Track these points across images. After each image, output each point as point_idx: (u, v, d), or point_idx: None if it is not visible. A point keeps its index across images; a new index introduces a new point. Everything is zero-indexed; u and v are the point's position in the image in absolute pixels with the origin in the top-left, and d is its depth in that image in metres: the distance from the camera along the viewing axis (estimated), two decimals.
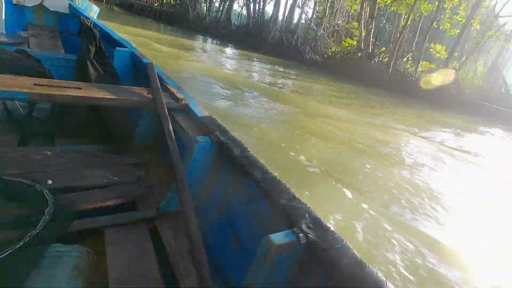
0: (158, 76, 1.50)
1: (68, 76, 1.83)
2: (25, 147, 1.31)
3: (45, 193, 0.89)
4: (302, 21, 17.93)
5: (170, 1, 23.82)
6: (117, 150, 1.45)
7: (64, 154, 1.26)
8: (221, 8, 21.48)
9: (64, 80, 1.27)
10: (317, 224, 0.72)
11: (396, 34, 15.00)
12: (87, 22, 2.12)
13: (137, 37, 9.16)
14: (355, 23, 16.84)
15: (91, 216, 0.96)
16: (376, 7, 14.17)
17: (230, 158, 1.01)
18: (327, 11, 18.07)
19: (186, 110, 1.34)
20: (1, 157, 1.14)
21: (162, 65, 2.32)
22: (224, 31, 19.31)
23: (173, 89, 1.46)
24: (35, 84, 1.09)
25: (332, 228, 0.72)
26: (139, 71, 1.92)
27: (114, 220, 0.96)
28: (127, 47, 2.06)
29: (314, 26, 18.10)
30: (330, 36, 18.41)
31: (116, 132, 1.53)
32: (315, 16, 18.58)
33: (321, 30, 17.50)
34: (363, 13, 14.89)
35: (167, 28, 16.62)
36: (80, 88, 1.18)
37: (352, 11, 19.27)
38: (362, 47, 14.49)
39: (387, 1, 14.98)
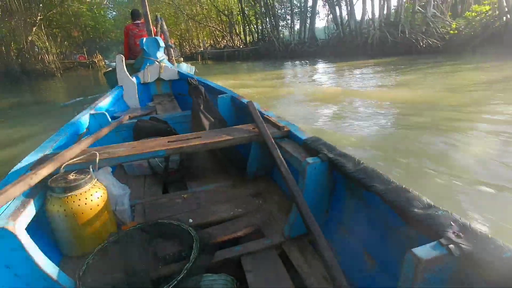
0: (258, 111, 1.63)
1: (187, 129, 2.17)
2: (167, 194, 1.58)
3: (190, 231, 1.04)
4: (404, 5, 14.26)
5: (254, 39, 25.70)
6: (235, 184, 1.60)
7: (196, 195, 1.47)
8: (303, 28, 21.29)
9: (186, 134, 1.50)
10: (469, 232, 0.61)
11: None
12: (193, 82, 2.50)
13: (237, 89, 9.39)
14: None
15: (227, 247, 1.07)
16: None
17: (345, 174, 0.97)
18: None
19: (290, 136, 1.39)
20: (153, 204, 1.41)
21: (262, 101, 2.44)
22: (311, 49, 18.71)
23: (274, 119, 1.54)
24: (168, 142, 1.33)
25: (490, 235, 0.59)
26: (241, 110, 2.12)
27: (247, 249, 1.04)
28: (227, 93, 2.33)
29: (420, 8, 13.86)
30: (444, 12, 14.03)
31: (232, 168, 1.70)
32: None
33: (431, 8, 13.44)
34: None
35: (256, 65, 16.87)
36: (200, 137, 1.37)
37: None
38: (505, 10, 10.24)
39: None
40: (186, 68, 5.21)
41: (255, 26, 25.93)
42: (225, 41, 30.11)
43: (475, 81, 6.21)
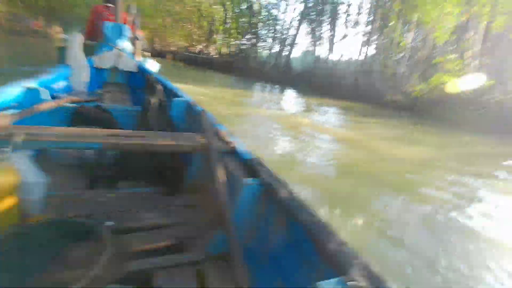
0: (210, 121, 1.61)
1: (133, 125, 2.05)
2: (92, 190, 1.45)
3: (104, 234, 0.96)
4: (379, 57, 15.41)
5: (230, 52, 24.88)
6: (170, 192, 1.53)
7: (124, 196, 1.38)
8: (281, 53, 21.30)
9: (130, 130, 1.42)
10: (367, 272, 0.68)
11: None
12: (151, 78, 2.41)
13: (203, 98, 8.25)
14: (449, 55, 13.09)
15: (143, 257, 1.00)
16: None
17: (277, 200, 0.99)
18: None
19: (235, 153, 1.39)
20: (72, 199, 1.28)
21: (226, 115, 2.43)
22: (286, 76, 18.55)
23: (223, 133, 1.53)
24: (108, 135, 1.24)
25: (382, 277, 0.66)
26: (193, 117, 2.08)
27: (163, 263, 0.98)
28: (182, 97, 2.27)
29: (391, 64, 15.22)
30: (412, 72, 14.80)
31: (170, 174, 1.63)
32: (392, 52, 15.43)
33: (402, 67, 14.58)
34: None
35: (227, 78, 16.45)
36: (143, 136, 1.30)
37: (440, 43, 15.07)
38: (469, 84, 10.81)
39: None
40: (151, 64, 5.02)
41: (234, 39, 25.28)
42: (200, 46, 29.34)
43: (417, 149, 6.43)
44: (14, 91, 1.67)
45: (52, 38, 24.13)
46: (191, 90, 8.52)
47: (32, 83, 1.88)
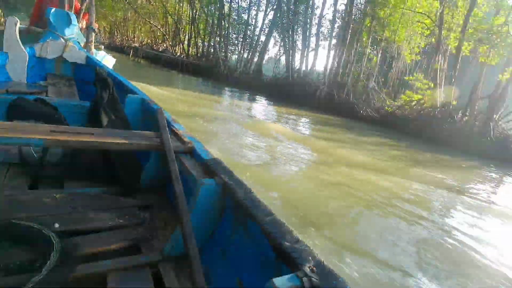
0: (167, 120, 1.58)
1: (81, 121, 1.93)
2: (35, 190, 1.34)
3: (51, 237, 0.90)
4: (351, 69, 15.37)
5: (198, 53, 23.82)
6: (124, 192, 1.48)
7: (72, 197, 1.29)
8: (250, 58, 20.62)
9: (78, 127, 1.34)
10: (321, 268, 0.72)
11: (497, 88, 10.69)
12: (101, 72, 2.28)
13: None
14: (417, 75, 13.86)
15: (95, 260, 0.96)
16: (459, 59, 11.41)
17: (234, 200, 1.02)
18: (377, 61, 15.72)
19: (192, 153, 1.39)
20: (11, 200, 1.17)
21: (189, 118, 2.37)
22: (256, 83, 17.83)
23: (180, 133, 1.52)
24: (51, 131, 1.15)
25: (335, 272, 0.71)
26: (149, 116, 2.02)
27: (117, 265, 0.95)
28: (138, 94, 2.18)
29: (363, 79, 15.69)
30: (383, 88, 15.96)
31: (124, 174, 1.57)
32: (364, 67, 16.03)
33: (373, 82, 15.02)
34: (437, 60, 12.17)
35: (194, 81, 15.77)
36: (93, 134, 1.24)
37: (409, 61, 16.55)
38: (437, 104, 11.47)
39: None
40: (104, 57, 4.69)
41: (202, 40, 24.36)
42: (165, 44, 27.81)
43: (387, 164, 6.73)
44: None
45: None
46: (153, 92, 8.04)
47: None
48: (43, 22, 3.82)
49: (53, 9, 3.24)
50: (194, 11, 23.55)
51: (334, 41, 17.56)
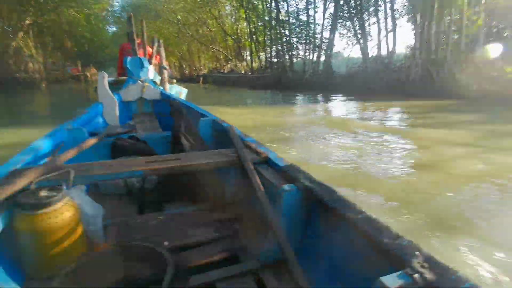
0: (239, 136, 1.67)
1: (166, 150, 2.16)
2: (142, 215, 1.55)
3: (164, 254, 1.03)
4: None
5: (261, 66, 23.30)
6: (212, 208, 1.60)
7: (171, 218, 1.45)
8: (317, 58, 18.48)
9: (166, 155, 1.51)
10: (433, 263, 0.66)
11: None
12: (175, 103, 2.53)
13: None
14: None
15: (202, 272, 1.05)
16: None
17: (320, 202, 1.01)
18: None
19: (268, 163, 1.43)
20: (127, 225, 1.37)
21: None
22: (329, 82, 15.86)
23: (253, 145, 1.59)
24: (146, 162, 1.33)
25: (450, 266, 0.64)
26: (221, 134, 2.16)
27: (223, 274, 1.03)
28: (208, 116, 2.36)
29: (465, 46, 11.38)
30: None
31: (209, 191, 1.70)
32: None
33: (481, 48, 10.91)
34: None
35: (263, 95, 14.38)
36: (179, 159, 1.38)
37: None
38: None
39: None
40: (178, 89, 5.26)
41: (263, 52, 23.49)
42: (229, 65, 27.87)
43: None
44: (60, 133, 1.82)
45: (90, 80, 25.43)
46: (226, 113, 6.75)
47: (73, 124, 2.04)
48: (125, 71, 4.47)
49: (128, 58, 3.76)
50: (251, 25, 23.32)
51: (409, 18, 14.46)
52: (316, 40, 19.27)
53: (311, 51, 19.56)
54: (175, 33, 29.29)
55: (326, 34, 18.53)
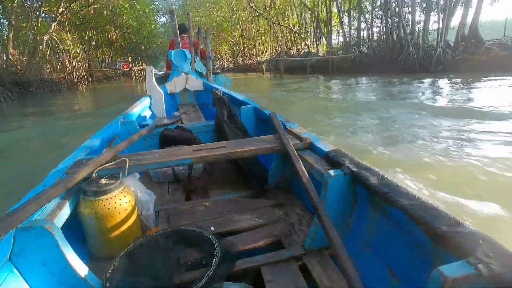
0: (281, 121, 1.64)
1: (210, 138, 2.22)
2: (190, 201, 1.62)
3: (211, 238, 1.07)
4: None
5: (345, 44, 17.43)
6: (256, 194, 1.61)
7: (217, 204, 1.50)
8: (444, 26, 12.32)
9: (211, 143, 1.54)
10: (499, 252, 0.58)
11: None
12: (217, 93, 2.57)
13: None
14: None
15: (247, 256, 1.07)
16: None
17: (368, 187, 0.96)
18: None
19: (312, 148, 1.39)
20: (176, 211, 1.45)
21: None
22: (482, 57, 10.81)
23: (296, 131, 1.55)
24: (193, 150, 1.37)
25: None
26: (263, 121, 2.15)
27: (267, 259, 1.04)
28: (249, 104, 2.37)
29: None
30: None
31: (253, 178, 1.72)
32: None
33: None
34: None
35: (367, 85, 10.03)
36: (224, 147, 1.41)
37: None
38: None
39: None
40: (223, 79, 5.33)
41: (351, 23, 16.93)
42: (295, 47, 22.44)
43: None
44: (115, 126, 1.97)
45: (140, 75, 22.29)
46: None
47: (126, 117, 2.20)
48: None
49: (172, 52, 3.90)
50: None
51: None
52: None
53: (435, 15, 13.07)
54: (228, 17, 25.62)
55: None
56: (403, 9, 13.35)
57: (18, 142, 4.85)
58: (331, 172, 1.06)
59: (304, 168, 1.18)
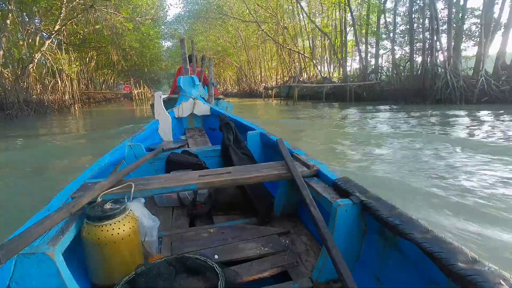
0: (287, 148, 1.64)
1: (216, 162, 2.22)
2: (194, 227, 1.59)
3: (216, 268, 1.03)
4: None
5: (360, 71, 16.70)
6: (261, 221, 1.58)
7: (222, 231, 1.46)
8: (480, 52, 11.23)
9: (217, 168, 1.54)
10: None
11: None
12: (224, 118, 2.61)
13: None
14: None
15: (251, 287, 1.03)
16: None
17: (378, 218, 0.93)
18: None
19: (319, 175, 1.38)
20: (180, 237, 1.42)
21: None
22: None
23: (303, 158, 1.55)
24: (199, 176, 1.37)
25: None
26: (269, 147, 2.15)
27: None
28: (256, 129, 2.38)
29: None
30: None
31: (259, 204, 1.69)
32: None
33: None
34: None
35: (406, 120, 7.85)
36: (230, 172, 1.40)
37: None
38: None
39: None
40: (225, 104, 5.53)
41: (368, 49, 16.54)
42: (305, 74, 21.85)
43: None
44: (122, 149, 1.99)
45: (137, 99, 22.57)
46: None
47: (133, 141, 2.22)
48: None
49: (181, 78, 4.01)
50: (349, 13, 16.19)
51: None
52: (481, 22, 11.26)
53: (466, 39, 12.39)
54: (233, 42, 25.91)
55: (496, 13, 10.81)
56: (434, 36, 12.41)
57: None
58: (340, 201, 1.04)
59: (311, 196, 1.16)
